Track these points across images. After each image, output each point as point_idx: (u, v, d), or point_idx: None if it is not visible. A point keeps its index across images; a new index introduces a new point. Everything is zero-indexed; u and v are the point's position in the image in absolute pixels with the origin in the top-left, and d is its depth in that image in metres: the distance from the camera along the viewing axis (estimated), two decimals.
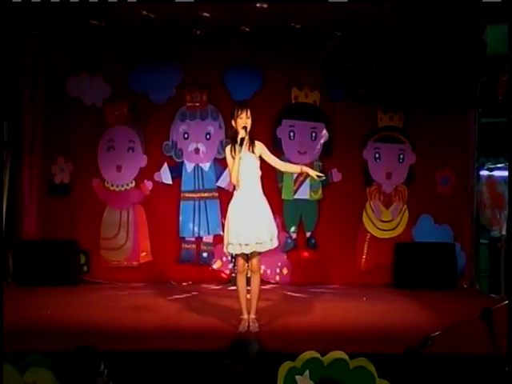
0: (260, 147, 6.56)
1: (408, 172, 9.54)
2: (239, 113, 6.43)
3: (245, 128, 6.41)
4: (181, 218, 9.61)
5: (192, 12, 8.41)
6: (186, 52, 9.53)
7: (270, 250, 6.67)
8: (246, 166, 6.47)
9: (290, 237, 9.58)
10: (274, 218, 6.71)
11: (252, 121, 6.48)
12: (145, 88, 9.53)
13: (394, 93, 9.49)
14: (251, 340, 4.25)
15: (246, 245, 6.41)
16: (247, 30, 9.14)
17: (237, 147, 6.42)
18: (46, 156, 9.61)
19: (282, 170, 7.16)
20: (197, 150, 9.58)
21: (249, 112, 6.45)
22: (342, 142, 9.52)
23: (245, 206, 6.47)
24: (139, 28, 9.04)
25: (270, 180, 7.15)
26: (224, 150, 6.82)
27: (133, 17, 8.53)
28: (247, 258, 6.53)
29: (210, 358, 3.23)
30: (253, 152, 6.50)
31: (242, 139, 6.42)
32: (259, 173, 6.55)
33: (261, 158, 6.55)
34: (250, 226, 6.41)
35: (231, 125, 6.56)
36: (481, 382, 5.22)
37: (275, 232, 6.61)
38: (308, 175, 6.98)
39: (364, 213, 9.54)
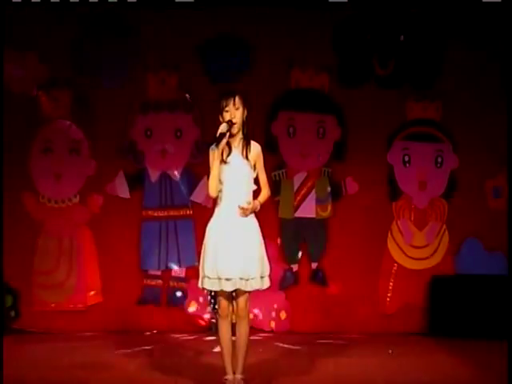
0: (256, 152, 6.45)
1: (448, 181, 9.63)
2: (224, 104, 6.35)
3: (230, 122, 6.29)
4: (142, 245, 9.63)
5: None
6: (149, 23, 9.51)
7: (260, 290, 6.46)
8: (233, 175, 6.36)
9: (290, 269, 9.60)
10: (266, 249, 6.53)
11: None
12: (93, 70, 9.57)
13: (428, 74, 9.55)
14: None
15: (227, 280, 6.28)
16: None
17: (214, 148, 6.33)
18: None
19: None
20: (163, 153, 9.59)
21: (237, 101, 6.35)
22: (360, 142, 9.51)
23: (228, 229, 6.33)
24: None
25: None
26: (209, 152, 6.51)
27: None
28: (231, 297, 6.41)
29: None
30: (246, 157, 6.38)
31: (222, 135, 6.27)
32: (252, 185, 6.43)
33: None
34: (234, 256, 6.27)
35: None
36: None
37: (267, 268, 6.46)
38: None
39: (389, 236, 9.64)
